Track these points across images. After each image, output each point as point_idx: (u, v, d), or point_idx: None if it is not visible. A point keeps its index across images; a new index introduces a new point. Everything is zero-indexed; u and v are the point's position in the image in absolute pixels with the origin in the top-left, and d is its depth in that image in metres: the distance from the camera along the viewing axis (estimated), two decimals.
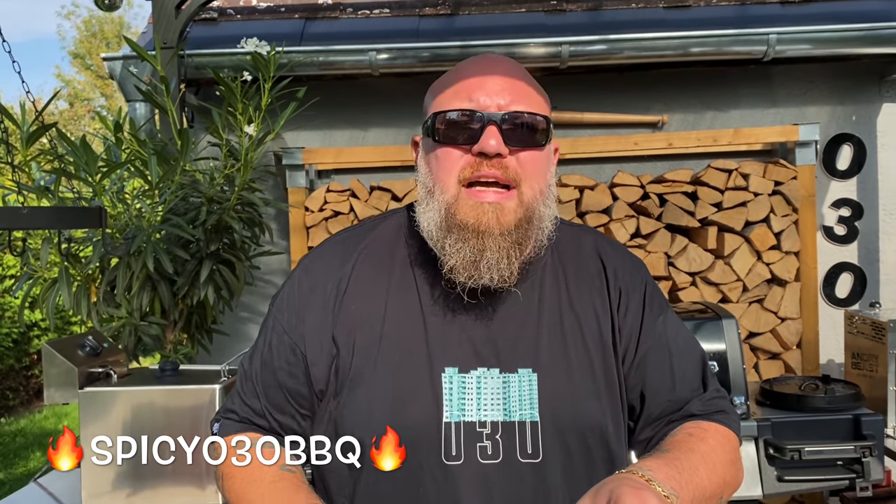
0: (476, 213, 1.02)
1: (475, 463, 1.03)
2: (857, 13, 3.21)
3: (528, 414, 1.05)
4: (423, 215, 1.08)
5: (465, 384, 1.05)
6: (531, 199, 1.05)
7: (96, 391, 1.93)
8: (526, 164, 1.05)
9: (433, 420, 1.04)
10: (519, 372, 1.06)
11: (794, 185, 3.12)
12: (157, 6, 3.05)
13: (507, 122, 1.04)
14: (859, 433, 2.38)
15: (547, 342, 1.08)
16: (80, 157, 2.38)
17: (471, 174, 1.04)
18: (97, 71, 18.86)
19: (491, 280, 1.03)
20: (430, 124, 1.09)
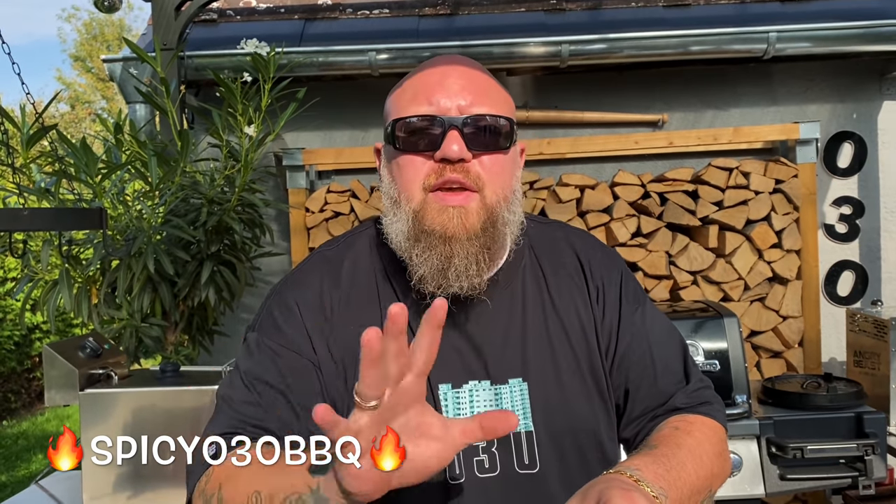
0: (441, 219, 1.00)
1: (474, 478, 1.02)
2: (857, 11, 3.21)
3: (522, 424, 1.03)
4: (390, 227, 1.05)
5: (459, 399, 1.04)
6: (494, 204, 1.03)
7: (97, 393, 1.93)
8: (489, 168, 1.03)
9: None
10: (510, 382, 1.05)
11: (794, 183, 3.12)
12: (157, 8, 3.05)
13: (469, 126, 1.01)
14: (862, 431, 2.37)
15: (534, 349, 1.06)
16: (80, 158, 2.37)
17: (435, 180, 1.01)
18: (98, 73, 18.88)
19: (460, 288, 1.01)
20: (390, 131, 1.06)
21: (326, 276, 1.10)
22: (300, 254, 3.19)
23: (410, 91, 1.07)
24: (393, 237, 1.05)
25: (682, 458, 0.96)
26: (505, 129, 1.04)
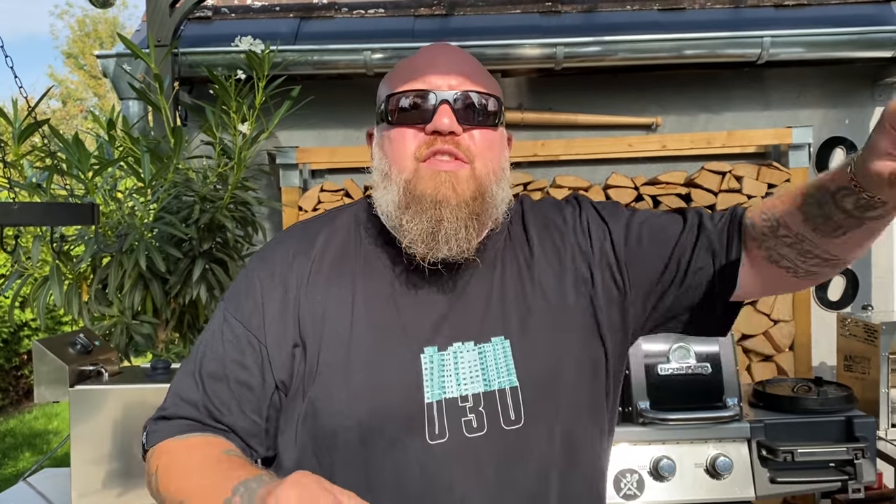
0: (434, 183, 1.03)
1: (461, 438, 1.02)
2: (851, 17, 3.23)
3: (506, 381, 1.05)
4: (381, 199, 1.08)
5: (444, 361, 1.05)
6: (484, 176, 1.06)
7: (87, 389, 1.92)
8: (479, 142, 1.07)
9: (415, 402, 1.03)
10: (492, 341, 1.07)
11: (787, 187, 3.13)
12: (152, 4, 3.04)
13: (460, 101, 1.06)
14: (851, 435, 2.38)
15: (514, 309, 1.09)
16: (72, 154, 2.36)
17: (426, 151, 1.05)
18: (90, 70, 18.80)
19: (449, 251, 1.03)
20: (382, 109, 1.10)
21: (297, 247, 1.12)
22: None
23: (402, 72, 1.11)
24: (383, 207, 1.08)
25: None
26: (493, 107, 1.09)
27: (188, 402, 1.07)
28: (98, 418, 1.90)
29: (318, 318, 1.07)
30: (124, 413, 1.90)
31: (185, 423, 1.07)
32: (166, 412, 1.09)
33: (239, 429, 1.06)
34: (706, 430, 2.39)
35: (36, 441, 6.53)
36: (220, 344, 1.09)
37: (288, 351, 1.06)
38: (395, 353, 1.05)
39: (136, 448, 1.91)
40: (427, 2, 3.44)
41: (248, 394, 1.06)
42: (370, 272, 1.10)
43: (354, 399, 1.03)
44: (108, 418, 1.91)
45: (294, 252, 1.12)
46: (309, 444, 1.05)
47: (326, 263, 1.11)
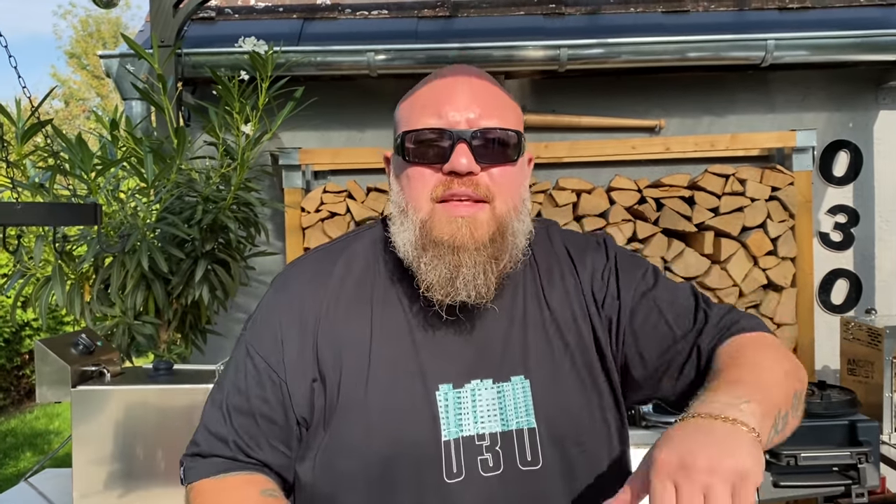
0: (451, 229, 1.01)
1: (478, 477, 1.01)
2: (855, 20, 3.22)
3: (524, 421, 1.03)
4: (398, 235, 1.06)
5: (461, 399, 1.03)
6: (504, 214, 1.03)
7: (89, 390, 1.92)
8: (498, 180, 1.03)
9: (432, 440, 1.01)
10: (511, 380, 1.05)
11: (790, 190, 3.13)
12: (155, 5, 3.03)
13: (478, 139, 1.02)
14: (855, 439, 2.37)
15: (535, 346, 1.07)
16: (75, 154, 2.36)
17: (443, 192, 1.02)
18: (93, 71, 18.82)
19: (468, 297, 1.01)
20: (399, 143, 1.07)
21: (316, 278, 1.11)
22: (295, 253, 3.18)
23: (420, 102, 1.07)
24: (400, 245, 1.05)
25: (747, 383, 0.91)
26: (513, 141, 1.05)
27: (219, 438, 1.07)
28: (100, 419, 1.90)
29: (336, 352, 1.06)
30: (126, 414, 1.90)
31: (220, 462, 1.06)
32: (200, 449, 1.08)
33: (271, 462, 1.07)
34: None
35: (37, 441, 6.53)
36: (244, 378, 1.08)
37: (307, 386, 1.06)
38: (412, 391, 1.03)
39: (138, 449, 1.90)
40: (431, 3, 3.44)
41: (275, 428, 1.06)
42: (388, 305, 1.08)
43: (372, 436, 1.02)
44: (110, 419, 1.90)
45: (312, 283, 1.10)
46: (327, 477, 1.04)
47: (345, 295, 1.09)
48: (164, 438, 1.89)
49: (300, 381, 1.05)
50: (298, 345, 1.07)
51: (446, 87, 1.06)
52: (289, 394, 1.05)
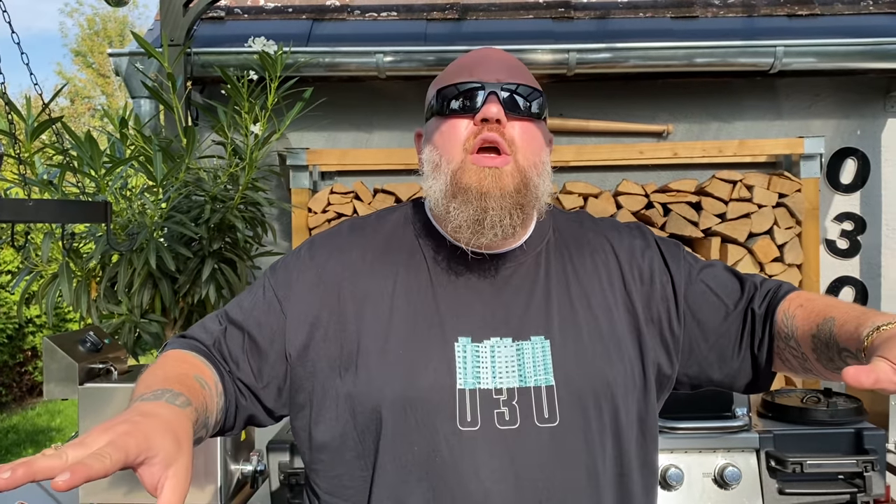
0: (478, 177, 1.08)
1: (493, 429, 1.04)
2: (864, 28, 3.22)
3: (542, 379, 1.07)
4: (430, 188, 1.13)
5: (479, 353, 1.08)
6: (526, 167, 1.10)
7: (96, 387, 1.92)
8: (523, 134, 1.11)
9: (446, 387, 1.05)
10: (532, 339, 1.09)
11: (798, 197, 3.12)
12: (165, 4, 3.04)
13: (507, 92, 1.11)
14: (861, 447, 2.37)
15: (557, 310, 1.12)
16: (84, 151, 2.36)
17: (474, 140, 1.09)
18: (99, 69, 18.86)
19: (494, 237, 1.08)
20: (433, 104, 1.16)
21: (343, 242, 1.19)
22: None
23: (453, 69, 1.17)
24: (432, 195, 1.13)
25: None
26: (538, 100, 1.14)
27: (206, 330, 1.15)
28: (106, 416, 1.89)
29: (359, 305, 1.12)
30: None
31: (196, 344, 1.13)
32: (186, 332, 1.16)
33: (236, 377, 1.12)
34: (715, 439, 2.38)
35: (39, 438, 6.54)
36: (251, 299, 1.17)
37: (306, 330, 1.11)
38: (429, 340, 1.08)
39: None
40: (440, 6, 3.44)
41: (255, 352, 1.12)
42: (413, 264, 1.15)
43: (389, 381, 1.06)
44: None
45: (342, 245, 1.18)
46: (350, 422, 1.08)
47: (371, 255, 1.16)
48: None
49: (299, 322, 1.12)
50: (307, 290, 1.14)
51: (476, 55, 1.18)
52: (284, 328, 1.12)
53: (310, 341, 1.11)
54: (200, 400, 0.98)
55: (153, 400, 0.90)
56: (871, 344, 0.90)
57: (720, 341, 1.16)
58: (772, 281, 1.19)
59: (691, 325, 1.17)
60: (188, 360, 1.08)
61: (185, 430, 0.85)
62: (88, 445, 0.74)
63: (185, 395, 0.93)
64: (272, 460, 2.31)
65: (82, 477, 0.70)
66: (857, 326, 0.95)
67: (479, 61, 1.15)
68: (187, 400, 0.93)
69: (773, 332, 1.12)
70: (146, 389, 0.94)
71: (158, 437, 0.79)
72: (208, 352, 1.12)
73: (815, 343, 1.03)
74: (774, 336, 1.12)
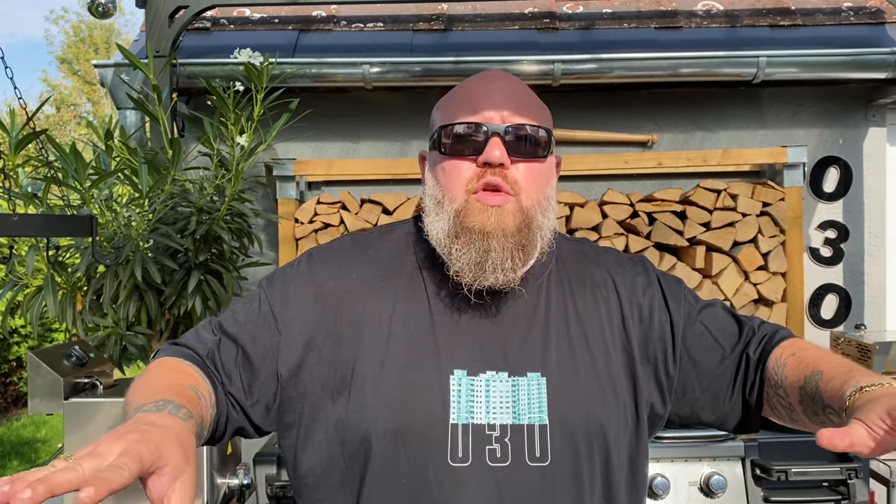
0: (481, 217, 1.07)
1: (483, 465, 1.03)
2: (846, 38, 3.26)
3: (536, 417, 1.06)
4: (432, 224, 1.12)
5: (474, 387, 1.07)
6: (529, 208, 1.09)
7: (82, 402, 1.91)
8: (526, 175, 1.10)
9: (439, 421, 1.04)
10: (528, 375, 1.08)
11: (781, 206, 3.15)
12: (151, 14, 3.04)
13: (510, 134, 1.09)
14: (845, 455, 2.39)
15: (555, 347, 1.11)
16: (69, 163, 2.36)
17: (477, 183, 1.08)
18: (85, 76, 18.77)
19: (496, 280, 1.07)
20: (436, 137, 1.14)
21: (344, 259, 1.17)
22: None
23: (457, 102, 1.15)
24: (434, 234, 1.12)
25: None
26: (543, 139, 1.12)
27: (200, 340, 1.12)
28: (92, 431, 1.89)
29: (356, 329, 1.10)
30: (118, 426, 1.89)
31: (190, 353, 1.10)
32: (179, 340, 1.14)
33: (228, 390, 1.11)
34: (700, 448, 2.39)
35: (24, 450, 6.47)
36: (246, 312, 1.14)
37: (300, 350, 1.10)
38: (425, 371, 1.07)
39: None
40: (426, 17, 3.46)
41: (247, 367, 1.11)
42: (413, 291, 1.13)
43: (382, 410, 1.04)
44: (103, 431, 1.89)
45: (341, 261, 1.16)
46: (338, 448, 1.07)
47: (371, 276, 1.14)
48: None
49: (295, 342, 1.10)
50: (304, 308, 1.12)
51: (482, 87, 1.14)
52: (278, 346, 1.10)
53: (303, 362, 1.09)
54: (198, 412, 0.97)
55: (155, 411, 0.88)
56: (853, 405, 0.90)
57: (714, 384, 1.15)
58: (769, 325, 1.18)
59: (687, 366, 1.16)
60: (184, 370, 1.06)
61: (190, 442, 0.84)
62: (102, 455, 0.73)
63: (186, 408, 0.92)
64: (259, 473, 2.31)
65: (105, 491, 0.69)
66: (842, 384, 0.95)
67: (484, 95, 1.12)
68: (189, 412, 0.92)
69: (763, 378, 1.12)
70: (146, 399, 0.92)
71: (168, 447, 0.78)
72: (202, 361, 1.09)
73: (802, 395, 1.03)
74: (765, 382, 1.11)
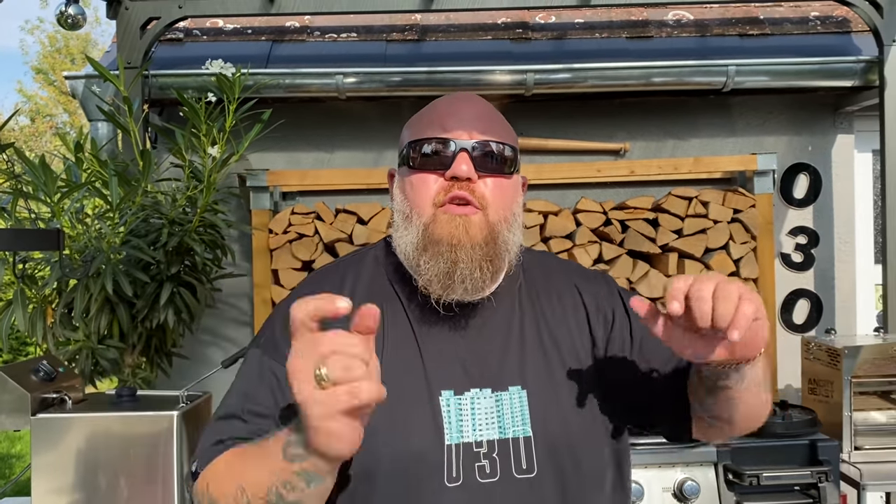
0: (448, 228, 1.09)
1: (474, 483, 1.05)
2: (813, 47, 3.31)
3: (520, 430, 1.09)
4: (401, 239, 1.14)
5: (461, 406, 1.09)
6: (496, 222, 1.11)
7: (49, 418, 1.89)
8: (493, 190, 1.12)
9: (436, 445, 1.06)
10: (510, 390, 1.11)
11: (752, 213, 3.19)
12: (122, 26, 3.03)
13: (478, 150, 1.11)
14: (816, 459, 2.42)
15: (532, 360, 1.13)
16: (38, 176, 2.34)
17: (444, 197, 1.10)
18: (60, 87, 18.59)
19: (465, 292, 1.09)
20: (405, 153, 1.16)
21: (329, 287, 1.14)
22: (262, 275, 3.17)
23: (426, 119, 1.18)
24: (402, 248, 1.14)
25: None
26: (509, 156, 1.15)
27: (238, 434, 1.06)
28: (61, 448, 1.87)
29: None
30: (88, 442, 1.87)
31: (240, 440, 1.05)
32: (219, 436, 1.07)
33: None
34: (673, 454, 2.41)
35: None
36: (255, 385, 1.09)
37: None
38: (418, 396, 1.08)
39: (101, 478, 1.88)
40: (399, 27, 3.47)
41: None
42: (395, 315, 1.14)
43: (379, 439, 1.04)
44: (72, 447, 1.87)
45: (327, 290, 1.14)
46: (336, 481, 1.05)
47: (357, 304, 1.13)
48: (127, 467, 1.87)
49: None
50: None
51: (450, 105, 1.18)
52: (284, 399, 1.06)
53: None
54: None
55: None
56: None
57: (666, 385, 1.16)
58: None
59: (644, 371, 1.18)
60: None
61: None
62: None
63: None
64: None
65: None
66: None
67: (452, 113, 1.15)
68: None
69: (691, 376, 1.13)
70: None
71: None
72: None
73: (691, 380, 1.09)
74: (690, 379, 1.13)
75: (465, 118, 1.14)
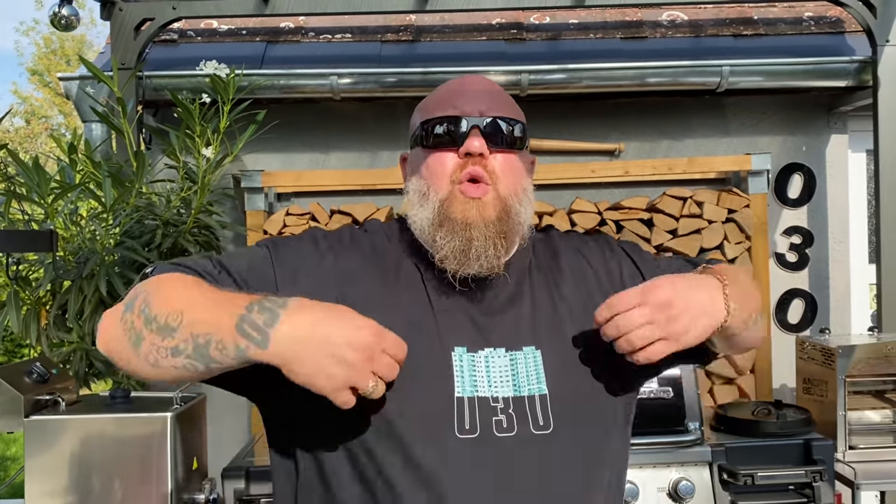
0: (463, 208, 1.12)
1: (491, 436, 1.07)
2: (807, 47, 3.32)
3: (535, 388, 1.11)
4: (416, 216, 1.17)
5: (475, 362, 1.11)
6: (507, 196, 1.15)
7: (43, 419, 1.88)
8: (504, 165, 1.16)
9: (444, 395, 1.08)
10: (524, 350, 1.14)
11: (746, 213, 3.19)
12: (116, 27, 3.03)
13: (488, 126, 1.15)
14: (810, 458, 2.42)
15: (545, 323, 1.17)
16: (31, 178, 2.33)
17: (461, 173, 1.14)
18: (56, 88, 18.54)
19: (480, 267, 1.12)
20: (418, 134, 1.20)
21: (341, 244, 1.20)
22: None
23: (436, 100, 1.21)
24: (419, 223, 1.17)
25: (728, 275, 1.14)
26: (518, 131, 1.19)
27: (202, 268, 1.11)
28: (54, 449, 1.87)
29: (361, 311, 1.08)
30: (82, 444, 1.87)
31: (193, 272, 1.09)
32: (179, 262, 1.12)
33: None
34: (668, 454, 2.41)
35: None
36: (245, 253, 1.17)
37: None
38: (428, 349, 1.10)
39: (94, 480, 1.87)
40: (394, 28, 3.47)
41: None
42: (410, 272, 1.18)
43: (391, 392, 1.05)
44: (65, 449, 1.87)
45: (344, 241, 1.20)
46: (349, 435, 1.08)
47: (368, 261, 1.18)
48: (121, 469, 1.86)
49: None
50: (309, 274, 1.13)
51: (459, 86, 1.21)
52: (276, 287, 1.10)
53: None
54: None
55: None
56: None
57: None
58: (715, 262, 1.26)
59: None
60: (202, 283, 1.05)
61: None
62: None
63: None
64: (227, 488, 2.29)
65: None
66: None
67: (461, 91, 1.19)
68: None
69: None
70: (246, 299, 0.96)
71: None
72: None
73: None
74: None
75: (475, 97, 1.18)
